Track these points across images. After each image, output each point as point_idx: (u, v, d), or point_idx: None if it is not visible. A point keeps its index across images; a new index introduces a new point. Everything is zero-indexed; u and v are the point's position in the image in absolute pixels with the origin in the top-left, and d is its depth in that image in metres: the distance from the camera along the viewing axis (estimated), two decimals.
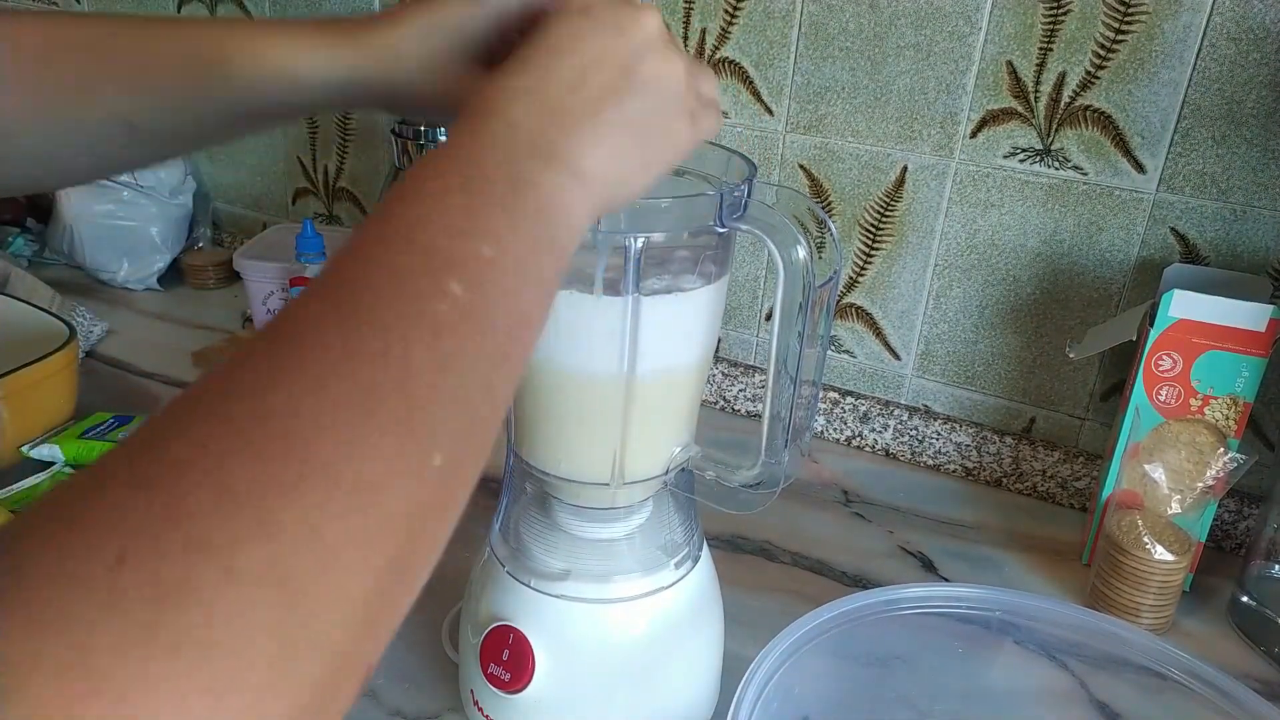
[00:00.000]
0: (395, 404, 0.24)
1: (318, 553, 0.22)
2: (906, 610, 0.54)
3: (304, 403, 0.23)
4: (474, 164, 0.32)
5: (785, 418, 0.49)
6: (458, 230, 0.29)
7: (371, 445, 0.23)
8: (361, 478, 0.23)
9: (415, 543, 0.25)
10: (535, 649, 0.52)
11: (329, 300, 0.26)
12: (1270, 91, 0.71)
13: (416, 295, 0.27)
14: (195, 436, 0.22)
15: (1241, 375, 0.69)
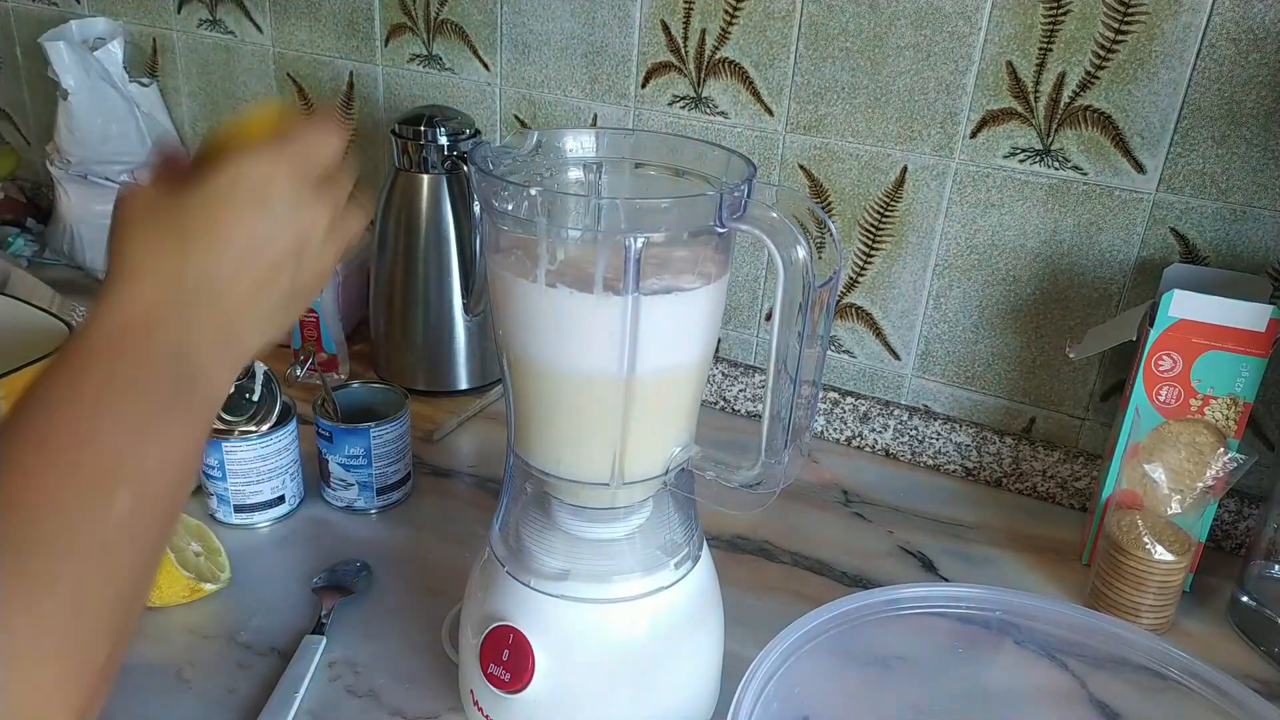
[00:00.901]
0: (56, 619, 0.29)
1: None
2: (906, 610, 0.54)
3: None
4: (148, 368, 0.34)
5: (785, 418, 0.49)
6: (134, 438, 0.33)
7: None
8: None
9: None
10: (535, 649, 0.52)
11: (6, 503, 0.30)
12: (1270, 91, 0.71)
13: (83, 514, 0.30)
14: None
15: (1241, 375, 0.69)
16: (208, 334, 0.36)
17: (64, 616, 0.29)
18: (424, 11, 1.02)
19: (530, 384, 0.50)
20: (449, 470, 0.87)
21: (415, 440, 0.89)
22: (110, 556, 0.30)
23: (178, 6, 1.19)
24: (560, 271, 0.46)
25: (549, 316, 0.47)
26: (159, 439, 0.33)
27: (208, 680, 0.62)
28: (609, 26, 0.93)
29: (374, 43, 1.07)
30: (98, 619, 0.30)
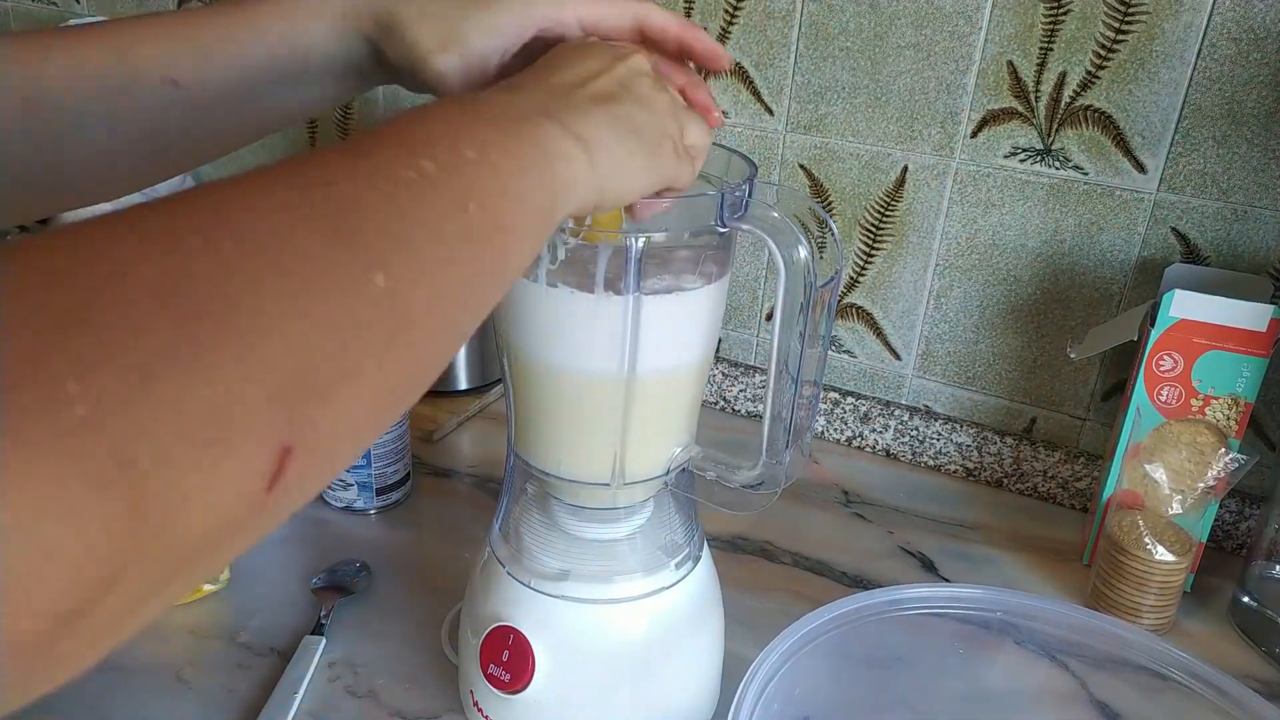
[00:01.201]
0: (339, 218, 0.25)
1: (223, 293, 0.22)
2: (907, 611, 0.54)
3: (247, 201, 0.24)
4: (478, 103, 0.34)
5: (786, 418, 0.49)
6: (445, 131, 0.30)
7: (300, 235, 0.24)
8: (292, 265, 0.24)
9: (346, 353, 0.25)
10: (535, 649, 0.52)
11: (302, 157, 0.27)
12: (1271, 91, 0.71)
13: (384, 161, 0.28)
14: (163, 217, 0.23)
15: (1242, 375, 0.69)
16: (538, 98, 0.36)
17: (330, 210, 0.26)
18: None
19: (531, 384, 0.50)
20: (449, 470, 0.87)
21: (415, 440, 0.89)
22: (398, 199, 0.27)
23: (177, 6, 1.19)
24: (561, 271, 0.46)
25: (550, 316, 0.47)
26: (478, 142, 0.31)
27: (207, 680, 0.62)
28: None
29: None
30: (370, 234, 0.26)
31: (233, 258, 0.23)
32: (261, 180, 0.25)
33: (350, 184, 0.26)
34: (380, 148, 0.28)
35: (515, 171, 0.32)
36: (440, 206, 0.28)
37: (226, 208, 0.24)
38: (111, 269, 0.21)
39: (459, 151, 0.30)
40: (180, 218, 0.23)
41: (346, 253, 0.25)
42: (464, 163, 0.30)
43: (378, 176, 0.27)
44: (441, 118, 0.31)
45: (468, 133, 0.31)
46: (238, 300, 0.22)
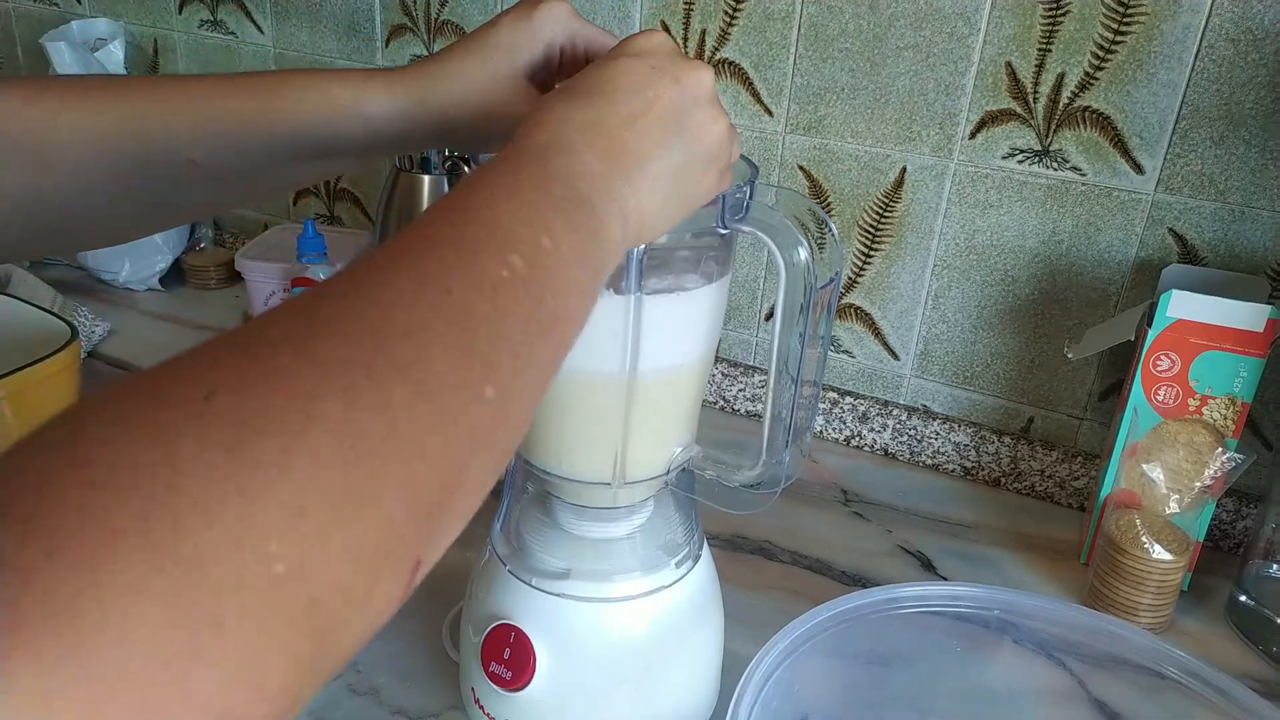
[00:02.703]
0: (458, 333, 0.27)
1: (385, 427, 0.24)
2: (906, 609, 0.54)
3: (385, 311, 0.26)
4: (542, 174, 0.34)
5: (786, 418, 0.49)
6: (523, 218, 0.32)
7: (439, 357, 0.26)
8: (429, 379, 0.25)
9: (467, 460, 0.27)
10: (536, 648, 0.52)
11: (406, 248, 0.29)
12: (1268, 92, 0.71)
13: (482, 257, 0.29)
14: (290, 323, 0.24)
15: (1239, 375, 0.69)
16: (597, 163, 0.36)
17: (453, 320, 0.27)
18: (424, 12, 1.03)
19: None
20: None
21: None
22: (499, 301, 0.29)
23: (179, 7, 1.19)
24: None
25: None
26: (550, 231, 0.32)
27: None
28: (609, 28, 0.93)
29: (375, 44, 1.07)
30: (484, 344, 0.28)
31: (394, 392, 0.24)
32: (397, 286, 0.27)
33: (464, 291, 0.28)
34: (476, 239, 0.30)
35: (577, 262, 0.33)
36: (527, 305, 0.30)
37: (380, 332, 0.25)
38: (297, 420, 0.22)
39: (539, 243, 0.31)
40: (341, 346, 0.24)
41: (469, 369, 0.27)
42: (542, 255, 0.31)
43: (483, 279, 0.29)
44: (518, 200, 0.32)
45: (542, 220, 0.32)
46: (396, 430, 0.24)
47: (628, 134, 0.37)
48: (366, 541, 0.23)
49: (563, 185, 0.34)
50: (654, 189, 0.38)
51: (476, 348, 0.28)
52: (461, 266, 0.29)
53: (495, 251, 0.30)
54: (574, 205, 0.34)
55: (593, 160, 0.36)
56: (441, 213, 0.31)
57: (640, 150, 0.38)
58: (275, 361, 0.23)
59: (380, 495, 0.23)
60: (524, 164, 0.35)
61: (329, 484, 0.22)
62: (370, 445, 0.23)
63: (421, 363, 0.26)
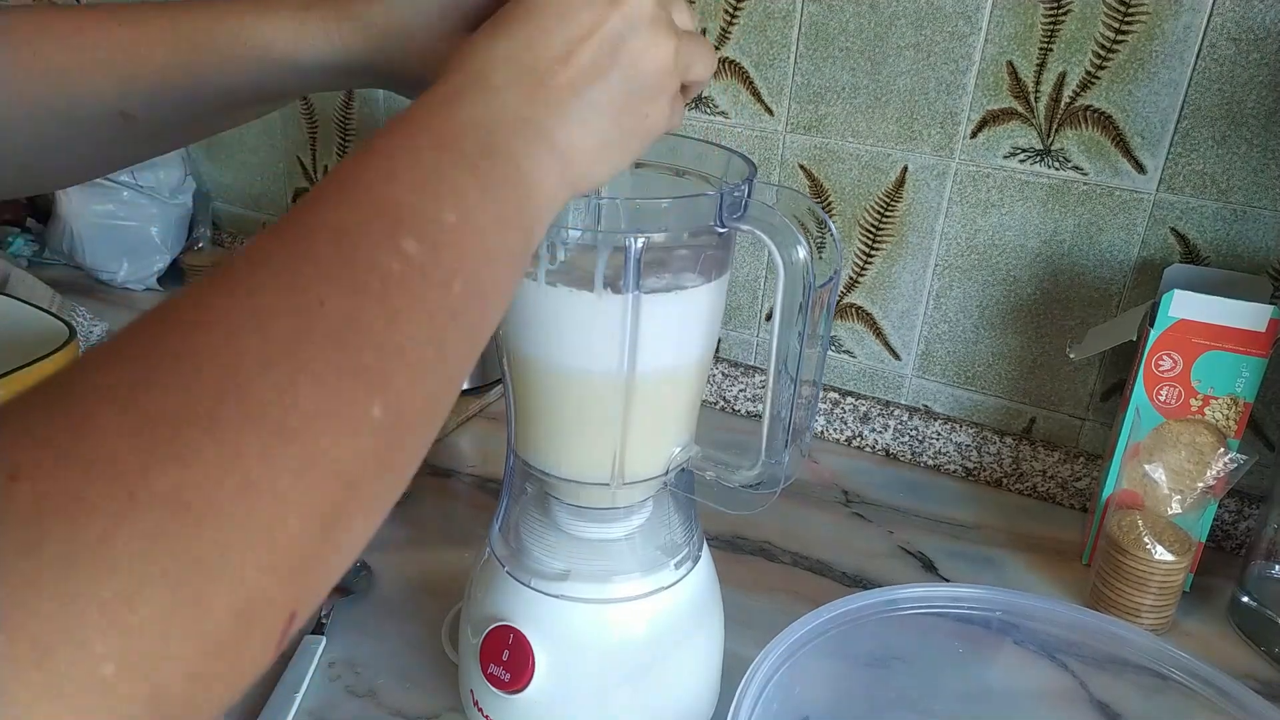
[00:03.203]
0: (334, 351, 0.24)
1: (235, 485, 0.21)
2: (906, 610, 0.54)
3: (238, 341, 0.22)
4: (448, 125, 0.31)
5: (785, 418, 0.49)
6: (422, 189, 0.28)
7: (308, 388, 0.23)
8: (293, 418, 0.22)
9: (351, 494, 0.24)
10: (535, 649, 0.52)
11: (278, 246, 0.25)
12: (1270, 92, 0.71)
13: (368, 249, 0.26)
14: (119, 368, 0.21)
15: (1242, 375, 0.69)
16: (521, 103, 0.32)
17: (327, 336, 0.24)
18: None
19: (530, 383, 0.50)
20: (449, 470, 0.87)
21: None
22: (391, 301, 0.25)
23: None
24: (561, 271, 0.46)
25: (549, 316, 0.47)
26: (456, 202, 0.28)
27: None
28: None
29: None
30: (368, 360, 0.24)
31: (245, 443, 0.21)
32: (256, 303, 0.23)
33: (342, 298, 0.24)
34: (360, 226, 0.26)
35: (497, 228, 0.30)
36: (430, 297, 0.27)
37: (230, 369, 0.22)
38: (119, 500, 0.19)
39: (440, 217, 0.28)
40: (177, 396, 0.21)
41: (348, 393, 0.24)
42: (446, 233, 0.28)
43: (368, 276, 0.25)
44: (417, 167, 0.29)
45: (446, 189, 0.29)
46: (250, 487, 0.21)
47: (557, 68, 0.34)
48: (218, 617, 0.20)
49: (475, 137, 0.31)
50: (590, 125, 0.34)
51: (360, 364, 0.24)
52: (339, 265, 0.25)
53: (384, 238, 0.26)
54: (489, 161, 0.31)
55: (515, 100, 0.32)
56: (324, 193, 0.27)
57: (571, 83, 0.34)
58: (94, 424, 0.19)
59: (231, 564, 0.20)
60: (428, 120, 0.31)
61: (167, 565, 0.19)
62: (216, 511, 0.20)
63: (283, 400, 0.22)
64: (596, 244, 0.45)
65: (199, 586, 0.20)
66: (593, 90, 0.35)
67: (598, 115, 0.35)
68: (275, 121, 1.19)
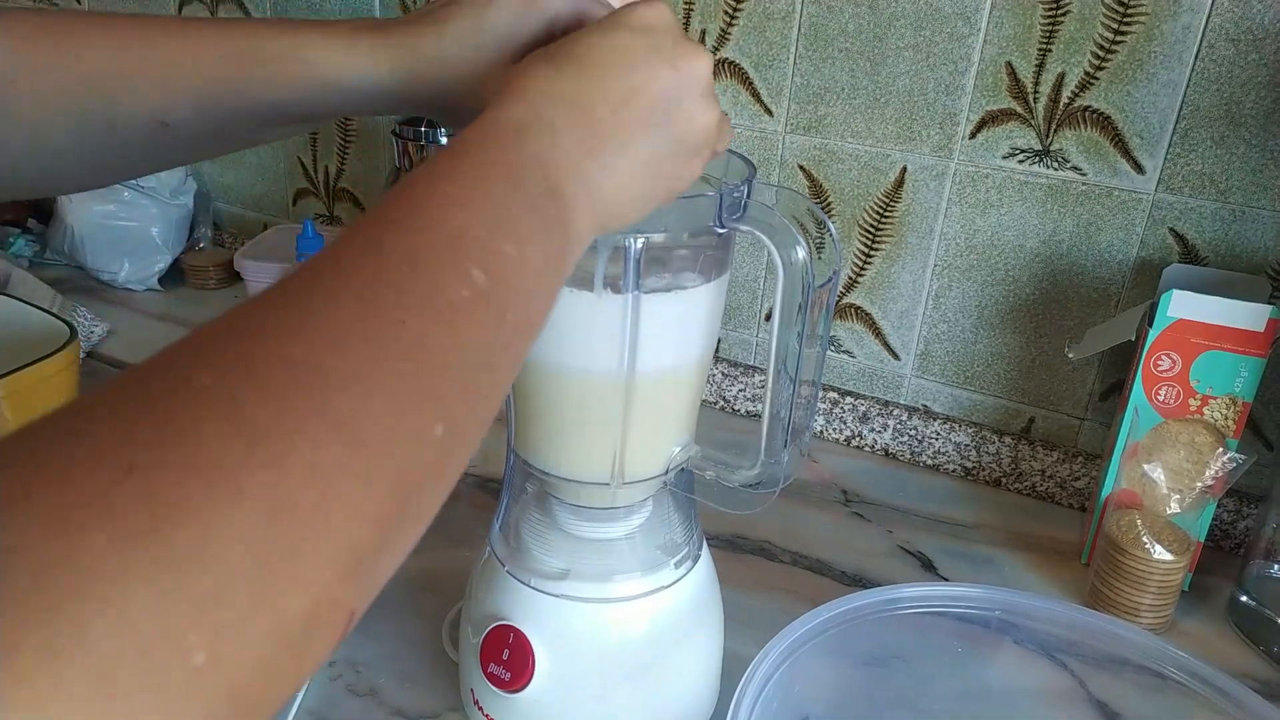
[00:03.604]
0: (408, 372, 0.25)
1: (317, 493, 0.22)
2: (906, 610, 0.54)
3: (324, 357, 0.23)
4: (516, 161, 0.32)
5: (785, 418, 0.49)
6: (489, 222, 0.29)
7: (382, 406, 0.24)
8: (369, 433, 0.23)
9: (410, 504, 0.25)
10: (535, 648, 0.52)
11: (354, 263, 0.26)
12: (1269, 92, 0.71)
13: (441, 276, 0.27)
14: (215, 370, 0.22)
15: (1240, 375, 0.69)
16: (573, 148, 0.33)
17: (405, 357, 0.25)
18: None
19: (530, 383, 0.50)
20: None
21: None
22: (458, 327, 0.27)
23: (179, 7, 1.19)
24: None
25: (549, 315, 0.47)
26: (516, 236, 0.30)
27: None
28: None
29: None
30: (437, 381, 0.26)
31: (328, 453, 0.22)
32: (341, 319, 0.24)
33: (418, 320, 0.26)
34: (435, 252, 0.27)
35: (542, 265, 0.31)
36: (488, 325, 0.28)
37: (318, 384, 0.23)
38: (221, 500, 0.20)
39: (502, 249, 0.29)
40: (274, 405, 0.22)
41: (418, 411, 0.25)
42: (507, 265, 0.29)
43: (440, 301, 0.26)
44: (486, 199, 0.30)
45: (509, 223, 0.30)
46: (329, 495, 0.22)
47: (611, 117, 0.35)
48: (293, 614, 0.21)
49: (535, 175, 0.32)
50: (630, 177, 0.36)
51: (428, 385, 0.25)
52: (417, 289, 0.26)
53: (457, 266, 0.27)
54: (545, 200, 0.32)
55: (570, 142, 0.33)
56: (396, 214, 0.28)
57: (621, 135, 0.35)
58: (199, 428, 0.21)
59: (308, 565, 0.22)
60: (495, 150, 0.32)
61: (252, 564, 0.20)
62: (298, 516, 0.21)
63: (363, 414, 0.23)
64: (596, 244, 0.45)
65: (280, 587, 0.21)
66: (638, 144, 0.36)
67: (639, 171, 0.36)
68: None
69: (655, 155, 0.36)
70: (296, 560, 0.21)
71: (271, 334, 0.23)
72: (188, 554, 0.19)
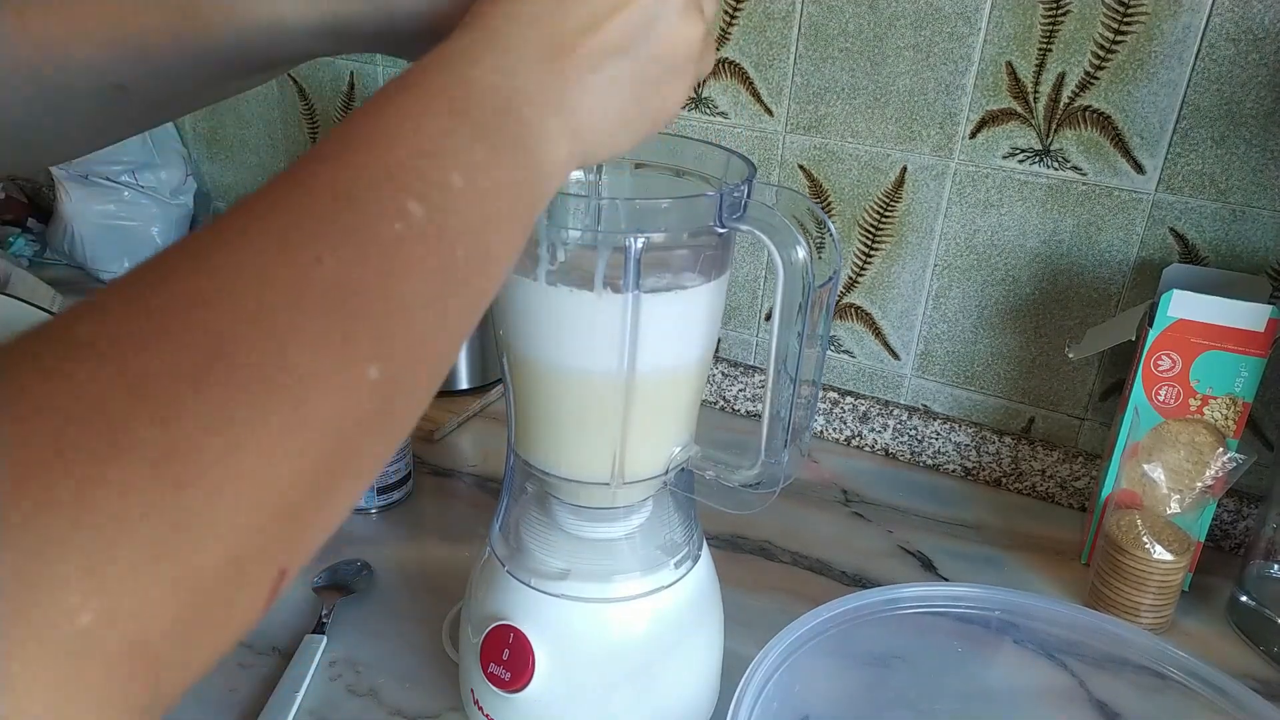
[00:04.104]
0: (330, 311, 0.23)
1: (221, 444, 0.20)
2: (906, 610, 0.54)
3: (231, 298, 0.22)
4: (461, 84, 0.30)
5: (785, 417, 0.49)
6: (430, 152, 0.27)
7: (300, 347, 0.22)
8: (284, 377, 0.22)
9: (344, 453, 0.24)
10: (535, 648, 0.52)
11: (274, 204, 0.25)
12: (1269, 92, 0.71)
13: (371, 210, 0.25)
14: (102, 321, 0.21)
15: (1240, 375, 0.69)
16: (538, 66, 0.31)
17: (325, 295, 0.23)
18: None
19: (530, 383, 0.50)
20: (449, 470, 0.87)
21: (415, 440, 0.89)
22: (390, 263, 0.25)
23: None
24: (561, 271, 0.46)
25: (550, 315, 0.47)
26: (461, 163, 0.28)
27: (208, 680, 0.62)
28: None
29: None
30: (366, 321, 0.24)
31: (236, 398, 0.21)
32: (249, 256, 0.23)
33: (339, 258, 0.24)
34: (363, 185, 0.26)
35: (503, 193, 0.29)
36: (431, 261, 0.26)
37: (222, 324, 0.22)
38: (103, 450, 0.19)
39: (446, 180, 0.27)
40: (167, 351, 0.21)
41: (344, 352, 0.24)
42: (451, 197, 0.27)
43: (368, 240, 0.25)
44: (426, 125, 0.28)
45: (454, 150, 0.28)
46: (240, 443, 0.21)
47: (581, 37, 0.33)
48: (201, 570, 0.20)
49: (487, 98, 0.30)
50: (609, 100, 0.34)
51: (356, 326, 0.24)
52: (339, 224, 0.24)
53: (387, 199, 0.26)
54: (500, 124, 0.30)
55: (533, 62, 0.31)
56: (328, 150, 0.26)
57: (595, 54, 0.33)
58: (80, 380, 0.19)
59: (216, 519, 0.20)
60: (442, 75, 0.30)
61: (143, 519, 0.19)
62: (200, 468, 0.20)
63: (275, 360, 0.22)
64: (596, 244, 0.45)
65: (181, 540, 0.20)
66: (616, 65, 0.34)
67: (618, 90, 0.34)
68: (275, 122, 1.19)
69: (635, 75, 0.35)
70: (203, 514, 0.20)
71: (172, 273, 0.22)
72: (66, 508, 0.18)
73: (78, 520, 0.18)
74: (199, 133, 1.25)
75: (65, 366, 0.19)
